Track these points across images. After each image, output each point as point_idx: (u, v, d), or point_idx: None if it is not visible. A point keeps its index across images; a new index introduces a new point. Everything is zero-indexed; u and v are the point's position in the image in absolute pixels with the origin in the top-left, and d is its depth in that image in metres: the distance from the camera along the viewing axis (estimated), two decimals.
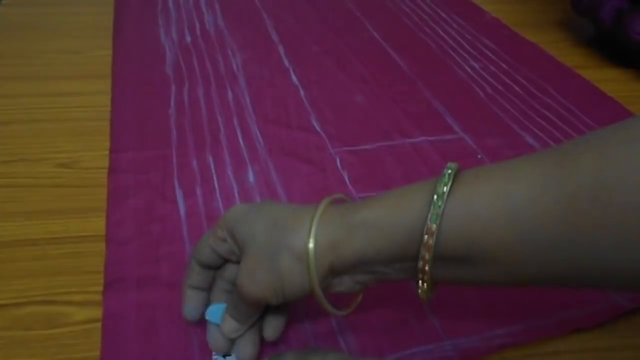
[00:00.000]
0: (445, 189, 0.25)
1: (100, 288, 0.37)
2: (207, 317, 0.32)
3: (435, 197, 0.25)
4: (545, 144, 0.52)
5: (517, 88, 0.61)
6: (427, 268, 0.26)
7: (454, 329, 0.35)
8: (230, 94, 0.58)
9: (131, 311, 0.35)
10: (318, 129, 0.53)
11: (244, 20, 0.75)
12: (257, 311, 0.30)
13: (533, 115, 0.57)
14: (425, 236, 0.25)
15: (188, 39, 0.69)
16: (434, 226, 0.25)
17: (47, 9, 0.76)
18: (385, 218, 0.26)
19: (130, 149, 0.49)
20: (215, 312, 0.32)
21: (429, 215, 0.25)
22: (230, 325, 0.31)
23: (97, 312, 0.35)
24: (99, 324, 0.34)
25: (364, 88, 0.60)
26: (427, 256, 0.25)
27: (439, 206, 0.25)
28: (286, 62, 0.65)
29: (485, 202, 0.24)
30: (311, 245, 0.27)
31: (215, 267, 0.32)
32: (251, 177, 0.47)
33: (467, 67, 0.65)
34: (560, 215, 0.23)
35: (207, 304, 0.33)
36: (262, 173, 0.47)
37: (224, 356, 0.32)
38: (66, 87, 0.59)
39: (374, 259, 0.27)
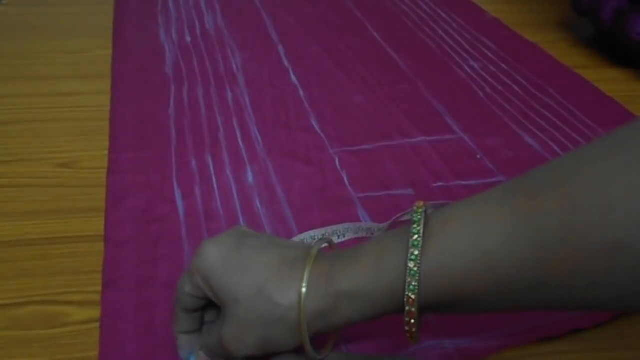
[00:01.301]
0: (417, 252, 0.25)
1: (100, 288, 0.37)
2: None
3: (410, 264, 0.25)
4: (545, 144, 0.52)
5: (516, 88, 0.61)
6: (414, 330, 0.26)
7: (454, 328, 0.35)
8: (229, 94, 0.58)
9: (130, 311, 0.35)
10: (317, 129, 0.53)
11: (244, 20, 0.75)
12: None
13: (533, 115, 0.57)
14: (407, 307, 0.25)
15: (188, 39, 0.69)
16: (413, 296, 0.25)
17: (47, 9, 0.76)
18: (366, 287, 0.26)
19: (130, 149, 0.49)
20: None
21: (406, 286, 0.25)
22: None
23: (96, 312, 0.35)
24: (99, 324, 0.34)
25: (364, 88, 0.60)
26: (412, 321, 0.26)
27: (414, 274, 0.25)
28: (286, 62, 0.65)
29: (459, 253, 0.24)
30: (304, 326, 0.27)
31: (200, 309, 0.31)
32: (250, 177, 0.47)
33: (466, 67, 0.65)
34: (530, 258, 0.23)
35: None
36: (262, 173, 0.47)
37: None
38: (66, 87, 0.59)
39: (360, 320, 0.27)
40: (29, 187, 0.45)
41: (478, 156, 0.50)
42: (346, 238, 0.41)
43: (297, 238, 0.40)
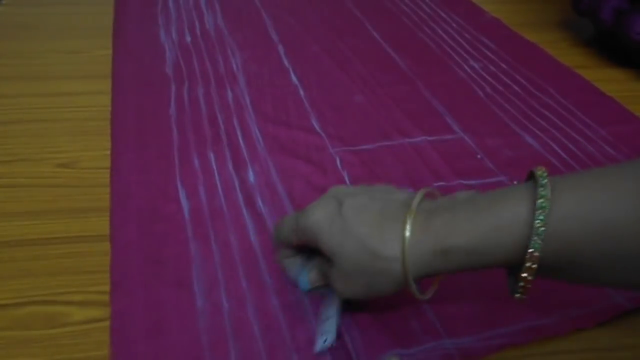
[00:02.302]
0: (544, 214, 0.25)
1: (100, 288, 0.37)
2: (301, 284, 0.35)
3: (536, 223, 0.25)
4: (545, 144, 0.52)
5: (517, 88, 0.61)
6: (528, 286, 0.27)
7: (454, 328, 0.35)
8: (230, 94, 0.58)
9: (138, 311, 0.35)
10: (318, 128, 0.53)
11: (244, 20, 0.75)
12: None
13: (533, 115, 0.57)
14: (528, 263, 0.26)
15: (188, 38, 0.69)
16: (537, 254, 0.26)
17: (47, 9, 0.76)
18: (484, 244, 0.27)
19: (132, 149, 0.49)
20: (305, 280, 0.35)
21: (530, 243, 0.25)
22: (315, 277, 0.34)
23: (97, 312, 0.35)
24: (99, 324, 0.34)
25: (364, 88, 0.60)
26: (529, 277, 0.26)
27: (540, 233, 0.25)
28: (286, 62, 0.65)
29: (583, 220, 0.25)
30: (410, 277, 0.28)
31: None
32: (251, 176, 0.47)
33: (467, 67, 0.65)
34: None
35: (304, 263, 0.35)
36: (262, 173, 0.47)
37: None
38: (66, 87, 0.59)
39: (466, 270, 0.28)
40: (29, 187, 0.45)
41: (478, 156, 0.50)
42: None
43: None
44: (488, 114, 0.57)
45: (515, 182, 0.47)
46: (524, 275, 0.26)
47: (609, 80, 0.64)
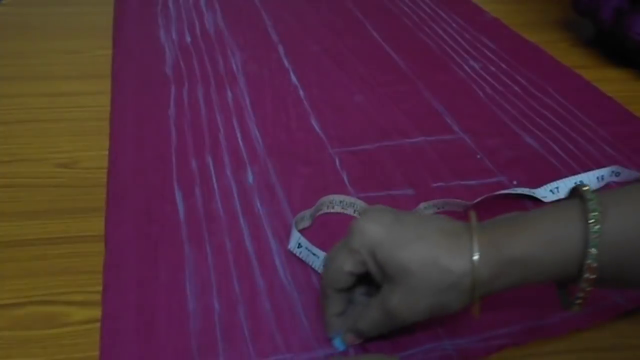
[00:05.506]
0: (598, 226, 0.27)
1: (100, 288, 0.37)
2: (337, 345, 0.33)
3: (592, 235, 0.27)
4: (545, 144, 0.52)
5: (516, 88, 0.61)
6: (587, 297, 0.28)
7: (454, 329, 0.35)
8: (229, 94, 0.58)
9: (130, 312, 0.35)
10: (317, 129, 0.53)
11: (244, 20, 0.75)
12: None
13: (532, 115, 0.57)
14: (587, 274, 0.27)
15: (188, 39, 0.69)
16: (595, 264, 0.27)
17: (47, 9, 0.76)
18: (542, 256, 0.28)
19: (130, 150, 0.49)
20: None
21: (588, 255, 0.27)
22: (351, 339, 0.33)
23: (97, 312, 0.35)
24: (99, 324, 0.34)
25: (364, 88, 0.60)
26: (587, 287, 0.28)
27: (595, 245, 0.27)
28: (286, 62, 0.65)
29: (630, 228, 0.27)
30: (478, 290, 0.29)
31: (349, 288, 0.33)
32: (250, 177, 0.47)
33: (466, 67, 0.65)
34: None
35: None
36: (262, 173, 0.47)
37: None
38: (66, 87, 0.59)
39: (518, 286, 0.29)
40: (29, 187, 0.45)
41: (478, 156, 0.50)
42: (335, 210, 0.42)
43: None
44: (488, 114, 0.57)
45: (515, 182, 0.47)
46: (584, 286, 0.27)
47: (609, 80, 0.64)
